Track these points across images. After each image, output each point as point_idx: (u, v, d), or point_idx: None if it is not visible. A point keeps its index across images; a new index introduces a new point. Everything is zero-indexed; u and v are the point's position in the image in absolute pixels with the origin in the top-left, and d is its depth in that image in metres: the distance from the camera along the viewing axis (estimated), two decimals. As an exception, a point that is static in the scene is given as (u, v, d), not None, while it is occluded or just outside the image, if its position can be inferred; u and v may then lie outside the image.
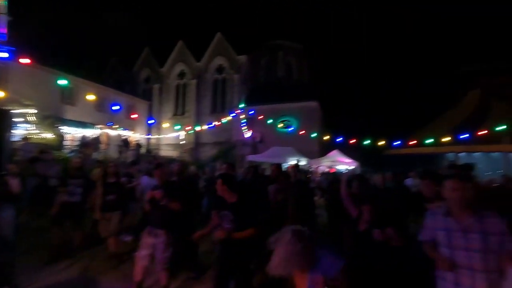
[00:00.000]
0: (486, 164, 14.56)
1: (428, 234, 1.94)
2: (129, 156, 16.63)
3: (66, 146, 13.64)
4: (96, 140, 14.83)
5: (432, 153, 14.47)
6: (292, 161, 15.87)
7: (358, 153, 15.37)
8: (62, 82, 13.65)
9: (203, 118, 23.32)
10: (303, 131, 14.47)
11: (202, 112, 23.62)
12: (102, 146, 15.96)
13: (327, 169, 16.21)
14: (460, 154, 14.89)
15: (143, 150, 18.90)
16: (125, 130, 18.66)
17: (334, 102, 22.99)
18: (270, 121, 15.53)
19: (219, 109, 23.55)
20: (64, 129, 14.70)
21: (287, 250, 1.36)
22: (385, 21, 51.39)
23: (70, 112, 16.70)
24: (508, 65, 16.73)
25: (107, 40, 28.06)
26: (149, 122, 22.05)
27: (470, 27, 44.59)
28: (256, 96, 21.83)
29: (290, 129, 16.84)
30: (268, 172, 11.22)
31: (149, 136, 22.40)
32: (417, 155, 14.86)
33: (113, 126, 17.47)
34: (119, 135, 18.55)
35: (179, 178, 4.33)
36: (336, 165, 15.43)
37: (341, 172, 14.61)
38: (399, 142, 10.85)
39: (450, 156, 15.82)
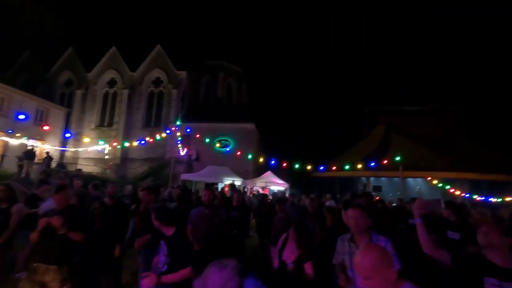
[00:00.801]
0: (390, 187, 17.51)
1: (339, 258, 2.21)
2: (33, 171, 13.93)
3: None
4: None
5: (349, 176, 16.67)
6: (227, 181, 15.95)
7: (289, 175, 16.48)
8: None
9: (133, 131, 21.53)
10: (239, 152, 14.77)
11: (133, 125, 21.81)
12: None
13: (260, 190, 16.79)
14: (370, 178, 17.57)
15: (53, 164, 16.10)
16: (31, 140, 15.64)
17: (270, 125, 24.40)
18: (207, 140, 15.38)
19: (153, 123, 22.17)
20: None
21: (214, 284, 1.33)
22: (313, 58, 58.44)
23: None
24: (404, 107, 21.08)
25: (19, 33, 23.88)
26: (66, 135, 19.00)
27: (377, 73, 54.42)
28: (194, 113, 21.50)
29: (227, 149, 16.98)
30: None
31: (65, 149, 19.31)
32: (337, 178, 16.87)
33: (16, 134, 14.48)
34: (24, 145, 15.43)
35: (113, 202, 3.85)
36: (269, 186, 16.13)
37: (274, 192, 15.33)
38: (323, 167, 12.16)
39: (363, 179, 18.50)
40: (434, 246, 1.86)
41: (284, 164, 11.43)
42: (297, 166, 11.24)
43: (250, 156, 13.91)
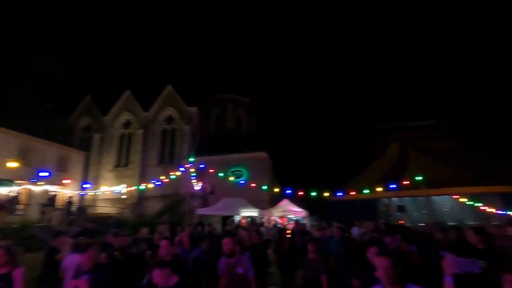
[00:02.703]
0: (414, 205, 16.62)
1: None
2: (55, 217, 14.27)
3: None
4: (12, 201, 12.44)
5: (369, 198, 15.99)
6: (244, 213, 15.65)
7: (306, 201, 16.00)
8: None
9: (149, 169, 21.98)
10: (254, 184, 14.63)
11: (148, 164, 22.32)
12: (20, 207, 13.42)
13: (278, 220, 16.30)
14: (392, 199, 16.79)
15: (74, 208, 16.44)
16: (53, 186, 16.26)
17: (282, 152, 24.36)
18: (221, 174, 15.43)
19: (167, 160, 22.64)
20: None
21: None
22: (318, 81, 59.64)
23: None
24: (416, 122, 20.71)
25: (40, 85, 25.96)
26: (84, 186, 19.61)
27: (382, 90, 54.42)
28: (206, 147, 21.87)
29: (241, 182, 16.84)
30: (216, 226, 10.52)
31: (84, 192, 19.79)
32: (357, 200, 16.22)
33: (38, 182, 15.09)
34: (46, 191, 16.02)
35: (122, 255, 3.78)
36: (287, 215, 15.65)
37: (294, 220, 14.79)
38: (341, 193, 11.79)
39: (385, 200, 17.70)
40: None
41: (301, 193, 11.17)
42: (313, 194, 10.94)
43: (265, 187, 13.70)
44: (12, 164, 11.42)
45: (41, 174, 14.20)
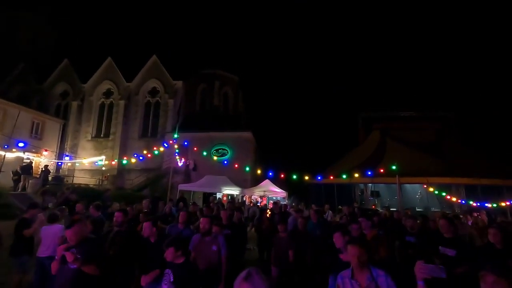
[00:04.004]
0: (388, 192, 17.63)
1: None
2: (31, 186, 13.85)
3: None
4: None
5: (347, 183, 16.77)
6: (226, 191, 15.94)
7: (287, 183, 16.50)
8: None
9: (130, 142, 21.48)
10: (237, 161, 14.81)
11: (130, 136, 21.75)
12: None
13: (259, 199, 16.78)
14: (368, 184, 17.67)
15: (50, 178, 15.96)
16: (27, 153, 15.60)
17: (267, 133, 24.54)
18: (205, 153, 15.41)
19: (149, 133, 22.14)
20: None
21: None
22: (306, 66, 59.08)
23: None
24: (398, 113, 21.41)
25: (13, 45, 23.89)
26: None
27: (369, 80, 55.03)
28: (191, 122, 21.53)
29: (225, 161, 16.93)
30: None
31: (62, 160, 19.17)
32: (335, 184, 16.96)
33: (12, 149, 14.39)
34: (20, 159, 15.37)
35: (125, 229, 3.81)
36: (267, 195, 16.13)
37: (275, 200, 15.29)
38: (320, 177, 12.27)
39: (361, 185, 18.60)
40: None
41: (282, 176, 11.51)
42: (295, 177, 11.32)
43: (247, 169, 13.92)
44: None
45: (18, 144, 13.50)
